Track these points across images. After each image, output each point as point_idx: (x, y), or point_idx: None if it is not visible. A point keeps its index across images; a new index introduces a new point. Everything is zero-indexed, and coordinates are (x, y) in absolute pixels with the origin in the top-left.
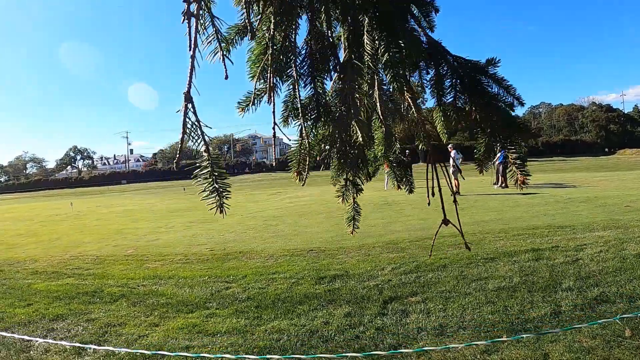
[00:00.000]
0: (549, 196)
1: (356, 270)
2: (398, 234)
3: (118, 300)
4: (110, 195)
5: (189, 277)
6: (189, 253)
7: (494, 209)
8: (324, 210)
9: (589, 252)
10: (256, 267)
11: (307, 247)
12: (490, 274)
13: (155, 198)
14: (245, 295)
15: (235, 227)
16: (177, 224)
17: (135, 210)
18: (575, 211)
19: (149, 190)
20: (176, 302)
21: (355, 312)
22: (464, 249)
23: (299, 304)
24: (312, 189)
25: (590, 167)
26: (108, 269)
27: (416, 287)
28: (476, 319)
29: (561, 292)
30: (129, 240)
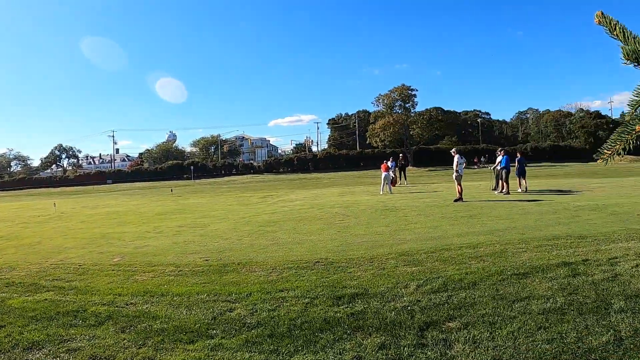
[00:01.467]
0: (555, 203)
1: (376, 287)
2: (409, 244)
3: (104, 324)
4: (95, 196)
5: (185, 294)
6: (182, 263)
7: (504, 217)
8: (322, 216)
9: (625, 266)
10: (260, 282)
11: (313, 258)
12: (529, 292)
13: (142, 199)
14: (255, 320)
15: (229, 234)
16: (166, 229)
17: (121, 212)
18: (588, 220)
19: (136, 191)
20: (173, 327)
21: (390, 343)
22: (487, 261)
23: (319, 332)
24: (303, 192)
25: (583, 172)
26: (92, 281)
27: (451, 309)
28: (533, 350)
29: (614, 314)
30: (115, 247)
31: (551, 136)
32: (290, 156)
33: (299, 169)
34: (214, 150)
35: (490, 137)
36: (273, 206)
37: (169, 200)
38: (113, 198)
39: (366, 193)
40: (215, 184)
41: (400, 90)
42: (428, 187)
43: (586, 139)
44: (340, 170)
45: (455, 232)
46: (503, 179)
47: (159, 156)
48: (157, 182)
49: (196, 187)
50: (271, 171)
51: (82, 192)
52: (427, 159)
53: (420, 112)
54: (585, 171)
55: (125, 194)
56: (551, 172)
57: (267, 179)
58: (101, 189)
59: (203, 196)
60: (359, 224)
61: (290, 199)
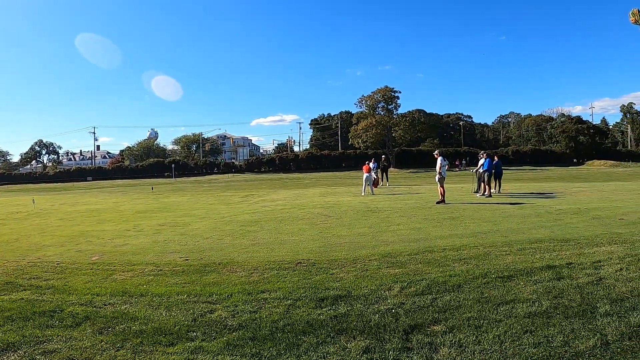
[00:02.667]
0: (538, 207)
1: (359, 289)
2: (392, 245)
3: (81, 325)
4: (75, 193)
5: (164, 295)
6: (161, 262)
7: (486, 220)
8: (304, 216)
9: (609, 270)
10: (241, 283)
11: (295, 259)
12: (514, 296)
13: (122, 197)
14: (236, 322)
15: (210, 233)
16: (146, 227)
17: (101, 209)
18: (571, 223)
19: (116, 188)
20: (152, 329)
21: (375, 347)
22: (471, 264)
23: (302, 335)
24: (285, 192)
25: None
26: (70, 280)
27: (436, 312)
28: (520, 354)
29: (600, 318)
30: (94, 245)
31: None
32: (272, 156)
33: (280, 169)
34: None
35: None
36: (254, 206)
37: (150, 198)
38: (93, 195)
39: (348, 194)
40: (196, 183)
41: (383, 91)
42: (410, 188)
43: (567, 143)
44: (322, 170)
45: (438, 234)
46: (485, 181)
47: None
48: (137, 180)
49: (177, 186)
50: (253, 170)
51: (62, 189)
52: (409, 161)
53: (403, 114)
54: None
55: (106, 191)
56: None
57: (248, 178)
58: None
59: (184, 195)
60: (341, 225)
61: (271, 198)
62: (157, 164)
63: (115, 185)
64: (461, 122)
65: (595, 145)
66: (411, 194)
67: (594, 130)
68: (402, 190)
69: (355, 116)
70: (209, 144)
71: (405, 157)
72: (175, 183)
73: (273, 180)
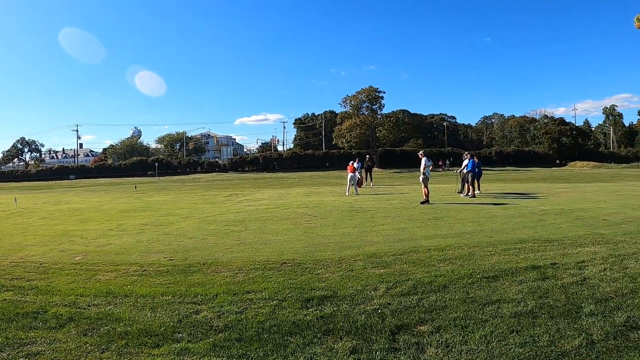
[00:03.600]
0: (521, 207)
1: (345, 290)
2: (377, 245)
3: (65, 326)
4: (57, 191)
5: (149, 295)
6: (146, 263)
7: (470, 220)
8: (288, 216)
9: (593, 270)
10: (226, 283)
11: (280, 259)
12: (500, 296)
13: (105, 196)
14: (222, 323)
15: (194, 233)
16: (129, 226)
17: (84, 208)
18: (554, 224)
19: (99, 187)
20: (137, 330)
21: (362, 347)
22: (456, 264)
23: (289, 336)
24: (269, 191)
25: (547, 177)
26: (53, 280)
27: (422, 312)
28: (506, 354)
29: (585, 317)
30: (77, 245)
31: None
32: (256, 155)
33: (264, 168)
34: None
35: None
36: (238, 205)
37: (133, 197)
38: (76, 194)
39: (332, 194)
40: (180, 182)
41: (368, 92)
42: (394, 188)
43: (550, 144)
44: (306, 170)
45: (422, 234)
46: (469, 182)
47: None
48: (120, 179)
49: (160, 185)
50: (237, 170)
51: (44, 187)
52: (393, 161)
53: (387, 114)
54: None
55: (88, 190)
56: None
57: (232, 177)
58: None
59: (167, 194)
60: (326, 225)
61: (255, 198)
62: (140, 162)
63: (98, 184)
64: (445, 123)
65: (577, 147)
66: (395, 194)
67: (576, 132)
68: (386, 191)
69: (339, 116)
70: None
71: (389, 157)
72: (159, 182)
73: (257, 180)
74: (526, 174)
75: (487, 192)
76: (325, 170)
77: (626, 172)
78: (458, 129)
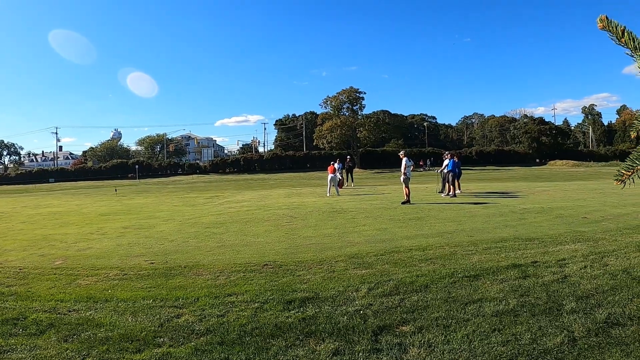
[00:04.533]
0: (502, 206)
1: (326, 291)
2: (358, 246)
3: (46, 332)
4: (37, 195)
5: (130, 300)
6: (126, 266)
7: (452, 220)
8: (269, 218)
9: (573, 268)
10: (207, 286)
11: (261, 261)
12: (482, 295)
13: (85, 199)
14: (203, 327)
15: (175, 235)
16: (109, 230)
17: (64, 212)
18: (535, 222)
19: (79, 190)
20: (118, 336)
21: (344, 349)
22: (437, 264)
23: (271, 338)
24: (250, 193)
25: (527, 176)
26: (33, 286)
27: (404, 312)
28: (489, 352)
29: (567, 315)
30: (57, 249)
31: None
32: (237, 156)
33: (245, 170)
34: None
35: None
36: (219, 207)
37: (113, 200)
38: (56, 197)
39: (313, 195)
40: (160, 184)
41: (349, 92)
42: (375, 189)
43: (530, 144)
44: (287, 171)
45: (404, 234)
46: (450, 181)
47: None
48: (101, 182)
49: (141, 187)
50: (217, 171)
51: (24, 191)
52: (373, 161)
53: (368, 114)
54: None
55: (68, 193)
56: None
57: (213, 179)
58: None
59: (148, 196)
60: (307, 226)
61: (236, 200)
62: (120, 165)
63: (78, 187)
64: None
65: (557, 146)
66: (376, 195)
67: (556, 131)
68: (367, 191)
69: (320, 117)
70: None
71: (370, 157)
72: (139, 184)
73: (238, 181)
74: (506, 173)
75: (468, 192)
76: (307, 171)
77: (605, 170)
78: (439, 129)
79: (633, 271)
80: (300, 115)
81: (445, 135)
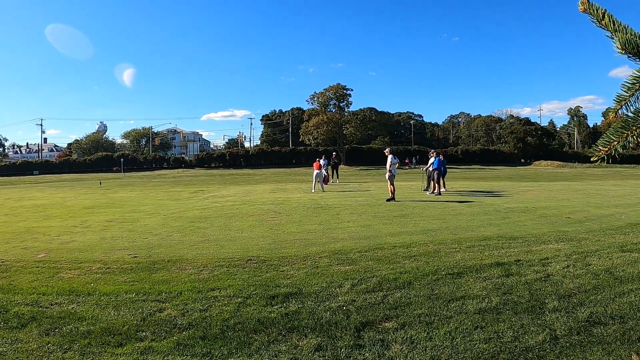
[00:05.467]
0: (486, 205)
1: (310, 286)
2: (342, 242)
3: (27, 326)
4: (21, 187)
5: (112, 294)
6: (109, 260)
7: (436, 217)
8: (253, 213)
9: (556, 267)
10: (190, 280)
11: (245, 256)
12: (464, 292)
13: (69, 192)
14: (185, 321)
15: (158, 229)
16: (93, 223)
17: (47, 205)
18: (519, 221)
19: (63, 183)
20: (100, 329)
21: (326, 344)
22: (421, 261)
23: (253, 333)
24: (235, 188)
25: (512, 176)
26: (15, 279)
27: (387, 309)
28: (471, 349)
29: (549, 313)
30: (40, 242)
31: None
32: (223, 151)
33: (231, 165)
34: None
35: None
36: (204, 202)
37: (98, 193)
38: (39, 190)
39: (298, 190)
40: (145, 178)
41: (335, 89)
42: (360, 186)
43: (515, 144)
44: (273, 166)
45: (388, 231)
46: (435, 179)
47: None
48: (85, 174)
49: (126, 181)
50: (203, 166)
51: (7, 183)
52: (359, 158)
53: (354, 111)
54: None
55: (53, 185)
56: (481, 174)
57: (198, 173)
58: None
59: (133, 190)
60: (291, 222)
61: (221, 194)
62: (105, 158)
63: (63, 180)
64: (412, 121)
65: (542, 147)
66: (361, 192)
67: (541, 132)
68: (352, 188)
69: (306, 113)
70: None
71: (356, 154)
72: (124, 178)
73: (223, 176)
74: (491, 173)
75: (453, 190)
76: (292, 167)
77: (590, 171)
78: (425, 128)
79: (615, 271)
80: (286, 111)
81: (432, 133)
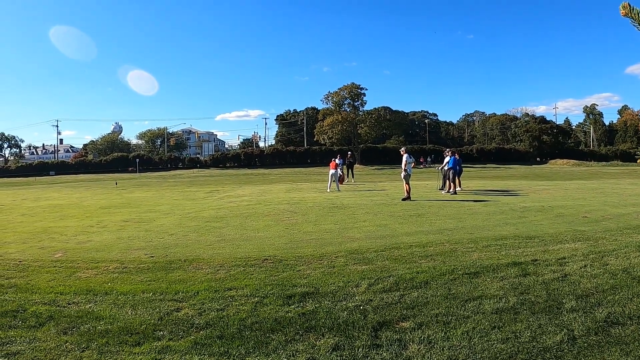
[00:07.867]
0: (502, 204)
1: (326, 286)
2: (359, 242)
3: (45, 325)
4: (37, 187)
5: (130, 293)
6: (126, 260)
7: (452, 217)
8: (269, 212)
9: (574, 266)
10: (207, 280)
11: (261, 255)
12: (482, 292)
13: (85, 192)
14: (203, 321)
15: (175, 229)
16: (110, 223)
17: (64, 205)
18: (535, 221)
19: (79, 183)
20: (117, 328)
21: (344, 344)
22: (438, 260)
23: (271, 333)
24: (250, 188)
25: (528, 175)
26: (33, 278)
27: (404, 309)
28: (489, 349)
29: (567, 313)
30: (57, 242)
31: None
32: (237, 151)
33: (245, 165)
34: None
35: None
36: (219, 201)
37: (114, 193)
38: (56, 190)
39: (313, 190)
40: (160, 178)
41: (350, 88)
42: (375, 185)
43: (531, 142)
44: (288, 166)
45: (404, 230)
46: (450, 179)
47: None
48: (101, 175)
49: (141, 181)
50: (218, 166)
51: (24, 184)
52: (374, 158)
53: (369, 110)
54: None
55: (69, 186)
56: (497, 173)
57: (213, 173)
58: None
59: (148, 190)
60: (307, 221)
61: (237, 194)
62: (121, 158)
63: (79, 180)
64: (426, 120)
65: (558, 145)
66: (377, 191)
67: (557, 130)
68: (368, 187)
69: (321, 112)
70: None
71: (371, 153)
72: (140, 178)
73: (238, 176)
74: (507, 172)
75: (468, 189)
76: (307, 167)
77: (606, 170)
78: (439, 126)
79: (633, 271)
80: (301, 110)
81: (446, 132)
